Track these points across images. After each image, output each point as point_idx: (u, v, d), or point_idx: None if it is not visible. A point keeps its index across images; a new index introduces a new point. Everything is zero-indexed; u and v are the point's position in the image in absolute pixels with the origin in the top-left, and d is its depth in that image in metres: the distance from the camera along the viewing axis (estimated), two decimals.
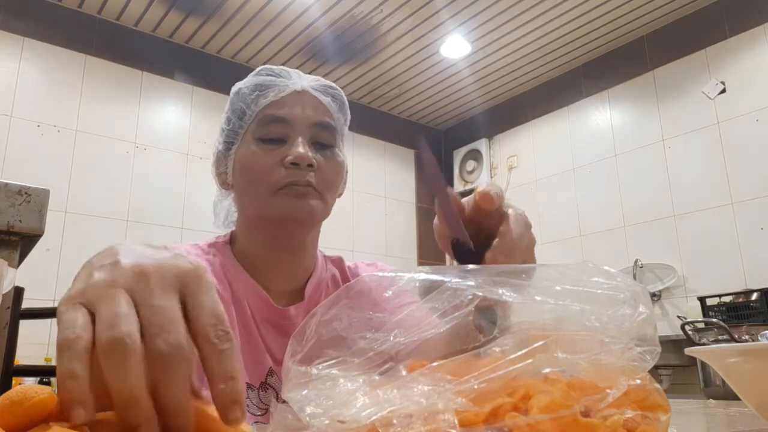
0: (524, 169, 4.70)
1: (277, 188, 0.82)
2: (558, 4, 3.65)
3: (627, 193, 3.97)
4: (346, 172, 0.94)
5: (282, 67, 0.91)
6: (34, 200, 0.59)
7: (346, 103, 0.94)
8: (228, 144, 0.89)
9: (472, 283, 0.35)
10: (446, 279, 0.36)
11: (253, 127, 0.86)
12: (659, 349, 0.33)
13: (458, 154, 5.21)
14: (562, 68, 4.44)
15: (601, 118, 4.22)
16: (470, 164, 5.10)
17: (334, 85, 0.92)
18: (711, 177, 3.54)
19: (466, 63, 4.32)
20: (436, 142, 5.46)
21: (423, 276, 0.38)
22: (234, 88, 0.91)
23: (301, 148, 0.82)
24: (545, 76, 4.55)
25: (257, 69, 0.91)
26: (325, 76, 4.44)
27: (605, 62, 4.24)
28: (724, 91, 3.56)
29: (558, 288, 0.35)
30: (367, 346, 0.34)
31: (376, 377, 0.31)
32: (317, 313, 0.39)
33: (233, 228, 0.95)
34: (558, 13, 3.75)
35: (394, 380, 0.30)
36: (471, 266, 0.37)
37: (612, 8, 3.71)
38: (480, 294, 0.34)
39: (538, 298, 0.34)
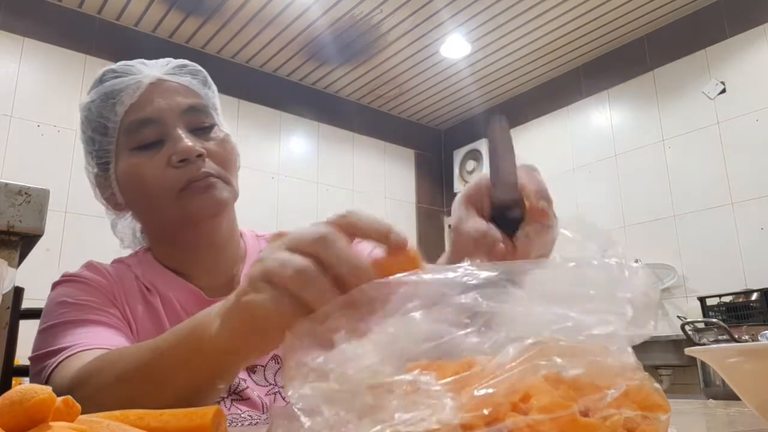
0: None
1: (176, 191, 0.76)
2: (558, 4, 3.65)
3: (627, 193, 3.97)
4: (235, 144, 0.86)
5: (124, 62, 0.84)
6: (34, 200, 0.59)
7: (207, 74, 0.87)
8: (103, 165, 0.82)
9: (461, 294, 0.34)
10: (445, 290, 0.35)
11: (122, 139, 0.79)
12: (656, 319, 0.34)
13: (458, 154, 5.21)
14: (562, 68, 4.44)
15: (601, 118, 4.22)
16: (470, 164, 5.10)
17: (187, 62, 0.86)
18: (711, 177, 3.54)
19: (466, 63, 4.32)
20: (436, 142, 5.46)
21: (426, 278, 0.37)
22: (82, 105, 0.83)
23: (183, 142, 0.76)
24: (545, 76, 4.55)
25: (99, 74, 0.83)
26: (325, 76, 4.46)
27: (605, 62, 4.24)
28: (724, 91, 3.56)
29: (551, 288, 0.35)
30: (351, 374, 0.33)
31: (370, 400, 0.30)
32: (316, 318, 0.38)
33: (143, 244, 0.90)
34: (558, 13, 3.75)
35: (393, 393, 0.29)
36: (465, 269, 0.36)
37: (612, 8, 3.71)
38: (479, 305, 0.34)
39: (536, 307, 0.34)
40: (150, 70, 0.82)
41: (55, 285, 0.80)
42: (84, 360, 0.61)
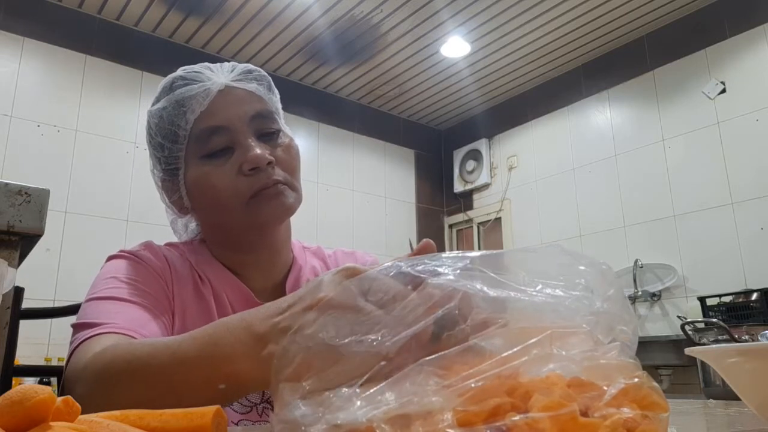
0: (524, 169, 4.70)
1: (246, 198, 0.78)
2: (558, 4, 3.66)
3: (627, 193, 3.97)
4: (298, 147, 0.88)
5: (190, 68, 0.85)
6: (34, 200, 0.59)
7: (271, 80, 0.89)
8: (171, 171, 0.83)
9: (451, 277, 0.35)
10: (425, 274, 0.36)
11: (192, 146, 0.81)
12: (636, 321, 0.34)
13: (458, 154, 5.21)
14: (562, 68, 4.44)
15: (601, 118, 4.22)
16: (470, 164, 5.10)
17: (251, 67, 0.87)
18: (711, 177, 3.54)
19: (466, 63, 4.32)
20: (436, 142, 5.46)
21: (403, 270, 0.38)
22: (153, 112, 0.84)
23: (254, 151, 0.78)
24: (545, 76, 4.55)
25: (168, 82, 0.84)
26: (325, 76, 4.46)
27: (605, 62, 4.24)
28: (724, 91, 3.56)
29: (537, 279, 0.36)
30: (357, 350, 0.33)
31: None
32: (302, 327, 0.38)
33: (197, 235, 0.92)
34: (558, 13, 3.75)
35: (388, 379, 0.30)
36: (447, 255, 0.38)
37: (612, 8, 3.71)
38: (462, 290, 0.34)
39: (520, 295, 0.34)
40: (217, 76, 0.83)
41: (110, 258, 0.81)
42: (108, 343, 0.61)
